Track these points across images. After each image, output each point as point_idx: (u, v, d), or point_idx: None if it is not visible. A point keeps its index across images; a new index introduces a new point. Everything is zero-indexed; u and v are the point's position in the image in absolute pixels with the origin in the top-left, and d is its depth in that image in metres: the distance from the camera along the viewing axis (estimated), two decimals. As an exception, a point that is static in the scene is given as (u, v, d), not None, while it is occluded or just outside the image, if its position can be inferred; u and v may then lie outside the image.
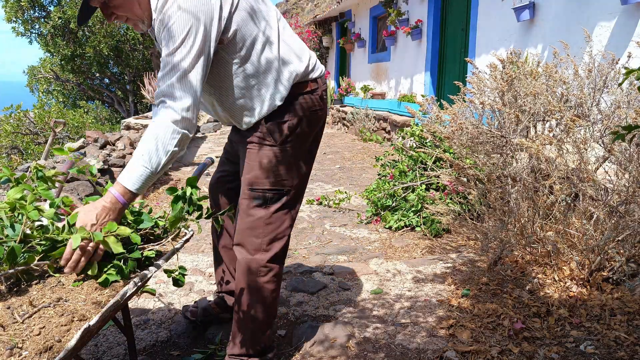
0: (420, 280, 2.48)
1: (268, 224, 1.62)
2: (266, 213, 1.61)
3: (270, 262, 1.62)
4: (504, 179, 2.33)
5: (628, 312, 1.90)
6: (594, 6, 3.82)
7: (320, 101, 1.67)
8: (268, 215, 1.61)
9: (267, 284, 1.63)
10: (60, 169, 1.52)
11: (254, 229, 1.61)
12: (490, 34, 5.39)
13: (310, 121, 1.64)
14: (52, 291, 1.17)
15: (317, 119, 1.67)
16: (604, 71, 2.28)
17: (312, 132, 1.68)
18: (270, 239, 1.62)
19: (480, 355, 1.73)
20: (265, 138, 1.61)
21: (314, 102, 1.64)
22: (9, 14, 11.35)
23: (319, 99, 1.66)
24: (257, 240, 1.61)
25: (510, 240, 2.32)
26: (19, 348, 0.97)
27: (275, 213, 1.62)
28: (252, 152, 1.63)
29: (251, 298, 1.63)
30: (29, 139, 8.25)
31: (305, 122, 1.63)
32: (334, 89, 11.61)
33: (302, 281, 2.51)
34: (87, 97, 13.77)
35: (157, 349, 1.96)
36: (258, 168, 1.61)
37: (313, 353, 1.85)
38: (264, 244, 1.62)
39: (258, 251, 1.61)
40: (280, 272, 1.68)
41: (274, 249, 1.63)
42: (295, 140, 1.62)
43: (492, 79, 2.50)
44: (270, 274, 1.63)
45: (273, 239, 1.63)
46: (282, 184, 1.63)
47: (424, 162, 3.56)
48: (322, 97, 1.68)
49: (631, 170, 1.95)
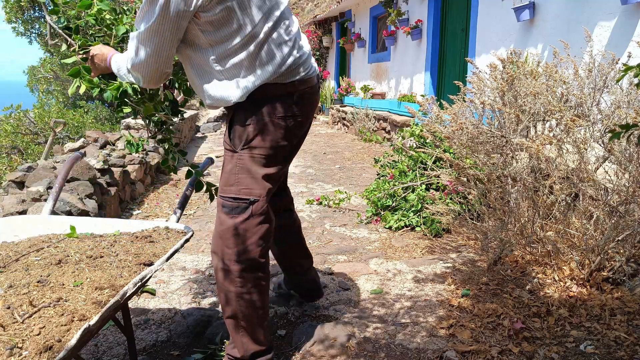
0: (420, 280, 2.48)
1: (236, 235, 1.53)
2: (234, 223, 1.53)
3: (245, 272, 1.55)
4: (504, 178, 2.33)
5: (628, 312, 1.90)
6: (594, 6, 3.82)
7: (294, 107, 1.57)
8: (236, 225, 1.53)
9: (244, 294, 1.56)
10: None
11: (225, 239, 1.55)
12: (490, 34, 5.39)
13: (276, 127, 1.55)
14: (52, 291, 1.17)
15: (288, 125, 1.57)
16: (604, 71, 2.28)
17: (284, 138, 1.58)
18: (240, 250, 1.54)
19: (480, 355, 1.73)
20: (227, 142, 1.60)
21: (283, 108, 1.55)
22: (9, 15, 11.36)
23: (292, 104, 1.57)
24: (229, 250, 1.55)
25: (510, 240, 2.32)
26: (19, 348, 0.97)
27: (243, 223, 1.53)
28: (224, 156, 1.63)
29: (230, 306, 1.58)
30: (29, 138, 8.25)
31: (273, 128, 1.54)
32: (334, 89, 11.61)
33: (302, 281, 2.51)
34: (87, 97, 13.77)
35: (157, 349, 1.96)
36: (223, 174, 1.60)
37: (313, 353, 1.85)
38: (235, 255, 1.54)
39: (231, 261, 1.54)
40: (260, 278, 1.59)
41: (247, 261, 1.54)
42: (261, 147, 1.54)
43: (492, 79, 2.50)
44: (249, 284, 1.56)
45: (244, 251, 1.54)
46: (248, 192, 1.54)
47: (424, 162, 3.56)
48: (299, 102, 1.59)
49: (631, 170, 1.95)
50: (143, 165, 4.81)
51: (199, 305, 2.30)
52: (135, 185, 4.56)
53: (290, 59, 1.56)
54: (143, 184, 4.80)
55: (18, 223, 1.77)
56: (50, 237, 1.65)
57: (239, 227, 1.54)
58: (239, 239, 1.54)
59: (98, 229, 1.79)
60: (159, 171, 5.51)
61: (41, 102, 12.31)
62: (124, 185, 4.24)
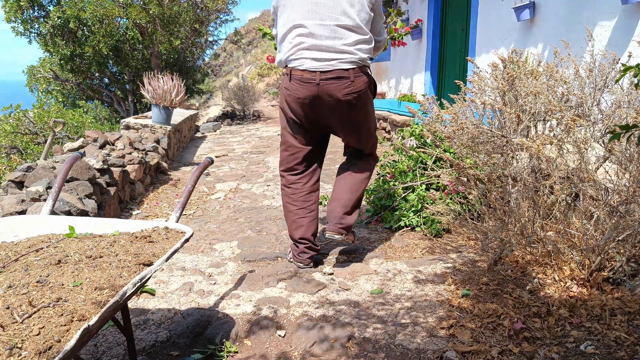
0: (420, 280, 2.47)
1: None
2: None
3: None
4: (504, 178, 2.33)
5: (628, 312, 1.90)
6: (594, 6, 3.81)
7: (289, 83, 2.44)
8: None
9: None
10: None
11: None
12: (490, 34, 5.39)
13: (283, 93, 2.53)
14: (52, 291, 1.16)
15: (287, 94, 2.48)
16: (605, 71, 2.28)
17: (287, 102, 2.51)
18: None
19: (481, 355, 1.72)
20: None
21: (286, 82, 2.47)
22: (8, 14, 11.34)
23: (288, 80, 2.44)
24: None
25: (511, 240, 2.32)
26: (18, 348, 0.96)
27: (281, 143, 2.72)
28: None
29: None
30: (28, 138, 8.23)
31: (283, 94, 2.53)
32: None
33: (302, 281, 2.50)
34: (86, 97, 13.75)
35: (156, 349, 1.96)
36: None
37: (313, 353, 1.85)
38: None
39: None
40: (283, 179, 2.72)
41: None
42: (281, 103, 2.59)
43: (492, 79, 2.50)
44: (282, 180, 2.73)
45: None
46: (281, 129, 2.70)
47: (424, 162, 3.56)
48: (294, 81, 2.41)
49: (631, 169, 1.94)
50: (142, 165, 4.81)
51: (198, 306, 2.30)
52: (135, 185, 4.55)
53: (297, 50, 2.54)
54: (142, 183, 4.79)
55: (17, 223, 1.77)
56: (50, 237, 1.65)
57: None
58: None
59: (97, 229, 1.78)
60: (159, 171, 5.51)
61: (40, 102, 12.30)
62: (123, 185, 4.24)
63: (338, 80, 2.34)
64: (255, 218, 3.78)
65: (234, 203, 4.30)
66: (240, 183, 5.08)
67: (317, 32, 2.33)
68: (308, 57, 2.35)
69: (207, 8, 13.29)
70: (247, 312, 2.20)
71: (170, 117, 6.91)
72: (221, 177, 5.39)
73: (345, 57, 2.34)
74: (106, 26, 11.07)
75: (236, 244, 3.21)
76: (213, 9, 13.46)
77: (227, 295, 2.40)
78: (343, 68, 2.33)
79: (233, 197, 4.53)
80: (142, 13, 10.91)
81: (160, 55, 12.58)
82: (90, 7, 10.71)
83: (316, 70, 2.34)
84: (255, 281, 2.56)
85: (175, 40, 12.38)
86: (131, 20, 11.11)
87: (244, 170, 5.77)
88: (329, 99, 2.38)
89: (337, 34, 2.33)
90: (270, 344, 1.96)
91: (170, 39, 12.14)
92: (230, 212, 4.03)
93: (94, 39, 11.25)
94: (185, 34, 13.02)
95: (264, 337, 2.00)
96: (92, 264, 1.40)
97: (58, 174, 1.95)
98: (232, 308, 2.25)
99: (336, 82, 2.34)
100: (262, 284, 2.52)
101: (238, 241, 3.25)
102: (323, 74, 2.33)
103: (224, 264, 2.85)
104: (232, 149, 7.46)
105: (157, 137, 6.12)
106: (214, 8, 13.42)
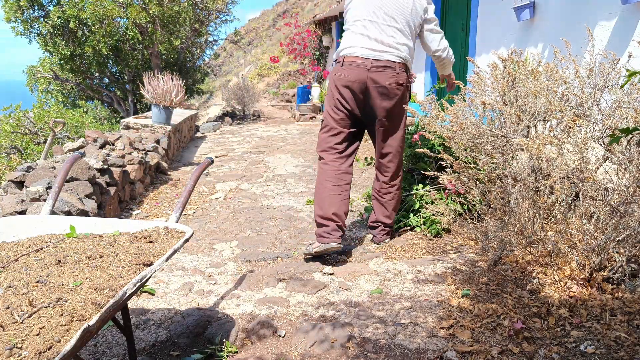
0: (420, 280, 2.47)
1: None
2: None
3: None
4: (504, 178, 2.33)
5: (628, 312, 1.90)
6: (594, 5, 3.81)
7: (340, 68, 2.79)
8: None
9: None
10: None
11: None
12: (490, 34, 5.39)
13: (332, 78, 2.85)
14: (52, 291, 1.16)
15: (336, 79, 2.81)
16: (605, 71, 2.28)
17: (335, 86, 2.83)
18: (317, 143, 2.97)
19: (481, 355, 1.72)
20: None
21: (337, 69, 2.82)
22: (8, 14, 11.33)
23: (340, 67, 2.80)
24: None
25: (511, 240, 2.32)
26: (18, 348, 0.96)
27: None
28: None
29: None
30: (28, 138, 8.23)
31: (332, 80, 2.85)
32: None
33: (302, 281, 2.50)
34: (86, 97, 13.74)
35: (156, 349, 1.96)
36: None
37: (313, 353, 1.85)
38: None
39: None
40: (322, 159, 2.91)
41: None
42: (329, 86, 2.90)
43: (492, 79, 2.50)
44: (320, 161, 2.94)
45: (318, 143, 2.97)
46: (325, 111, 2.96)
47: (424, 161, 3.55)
48: (345, 66, 2.77)
49: (632, 170, 1.94)
50: (142, 165, 4.80)
51: (198, 306, 2.30)
52: (135, 185, 4.55)
53: (351, 42, 2.93)
54: (142, 183, 4.79)
55: (17, 223, 1.77)
56: (50, 237, 1.65)
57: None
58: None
59: (97, 229, 1.78)
60: (159, 171, 5.51)
61: (40, 101, 12.30)
62: (123, 185, 4.24)
63: (386, 69, 2.71)
64: (255, 218, 3.78)
65: (234, 203, 4.30)
66: (240, 183, 5.08)
67: (374, 29, 2.74)
68: (363, 46, 2.74)
69: (207, 8, 13.28)
70: (247, 312, 2.20)
71: (170, 117, 6.90)
72: (221, 177, 5.39)
73: (395, 52, 2.73)
74: (106, 26, 11.07)
75: (236, 244, 3.21)
76: (213, 9, 13.45)
77: (227, 295, 2.40)
78: (392, 60, 2.71)
79: (233, 197, 4.53)
80: (142, 13, 10.90)
81: (160, 55, 12.57)
82: (90, 7, 10.71)
83: (368, 57, 2.72)
84: (255, 281, 2.56)
85: (175, 40, 12.37)
86: (131, 20, 11.10)
87: (244, 170, 5.77)
88: (374, 85, 2.73)
89: (391, 33, 2.74)
90: (270, 344, 1.96)
91: (170, 39, 12.13)
92: (230, 212, 4.03)
93: (94, 39, 11.24)
94: (185, 34, 13.01)
95: (264, 337, 2.00)
96: (92, 264, 1.40)
97: (58, 174, 1.95)
98: (232, 308, 2.25)
99: (385, 70, 2.70)
100: (262, 284, 2.52)
101: (238, 241, 3.25)
102: (375, 62, 2.70)
103: (224, 264, 2.85)
104: (232, 149, 7.46)
105: (157, 137, 6.12)
106: (214, 8, 13.41)
